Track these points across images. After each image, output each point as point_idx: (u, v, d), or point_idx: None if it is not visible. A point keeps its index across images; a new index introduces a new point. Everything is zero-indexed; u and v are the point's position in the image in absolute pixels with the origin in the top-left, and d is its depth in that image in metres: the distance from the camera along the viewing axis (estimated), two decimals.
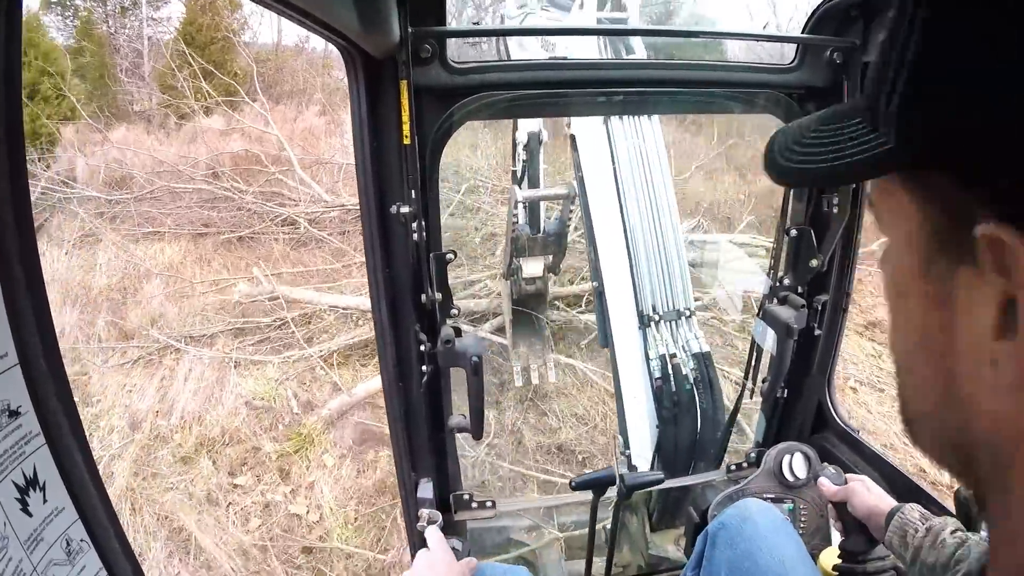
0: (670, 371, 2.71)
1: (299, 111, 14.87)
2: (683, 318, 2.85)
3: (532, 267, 4.99)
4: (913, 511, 1.50)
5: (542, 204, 4.92)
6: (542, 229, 4.81)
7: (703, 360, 2.76)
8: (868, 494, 1.65)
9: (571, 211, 4.58)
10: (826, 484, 1.76)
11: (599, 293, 3.04)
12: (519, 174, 4.84)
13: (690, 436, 2.69)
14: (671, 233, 2.89)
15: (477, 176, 9.91)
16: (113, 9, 19.37)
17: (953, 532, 1.37)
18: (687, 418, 2.68)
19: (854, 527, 1.68)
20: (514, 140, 4.86)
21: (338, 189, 10.37)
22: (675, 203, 2.97)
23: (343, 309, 7.52)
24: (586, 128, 3.09)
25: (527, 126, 4.57)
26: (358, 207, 1.61)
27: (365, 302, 7.16)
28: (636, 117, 3.00)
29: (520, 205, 4.53)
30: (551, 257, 4.97)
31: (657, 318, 2.81)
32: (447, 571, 1.51)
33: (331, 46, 1.40)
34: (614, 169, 2.95)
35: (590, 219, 3.01)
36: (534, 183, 4.78)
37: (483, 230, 8.96)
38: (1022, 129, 0.35)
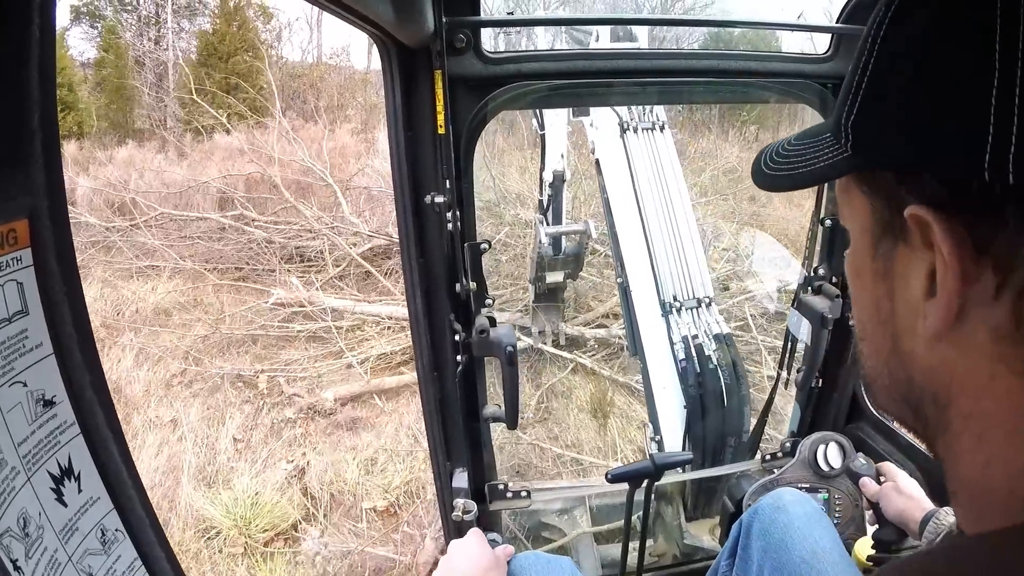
0: (693, 352, 2.81)
1: (329, 129, 13.77)
2: (703, 305, 3.03)
3: (554, 277, 5.91)
4: (949, 516, 1.48)
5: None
6: (563, 251, 5.64)
7: (724, 341, 2.89)
8: (898, 497, 1.66)
9: (587, 244, 5.69)
10: (868, 485, 1.78)
11: (624, 289, 3.29)
12: (544, 204, 5.52)
13: (718, 416, 2.74)
14: (686, 230, 3.15)
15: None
16: (147, 17, 19.01)
17: None
18: (713, 397, 2.74)
19: (888, 519, 1.68)
20: (541, 177, 5.51)
21: (364, 219, 8.96)
22: (689, 203, 3.30)
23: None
24: (608, 150, 3.45)
25: (553, 164, 5.20)
26: (382, 244, 1.62)
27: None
28: (651, 132, 3.40)
29: (545, 237, 5.34)
30: (570, 270, 5.92)
31: (678, 305, 2.99)
32: (480, 558, 1.54)
33: (374, 65, 1.41)
34: (633, 180, 3.29)
35: (614, 227, 3.30)
36: (557, 214, 5.52)
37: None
38: (933, 138, 0.48)
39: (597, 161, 3.61)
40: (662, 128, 3.42)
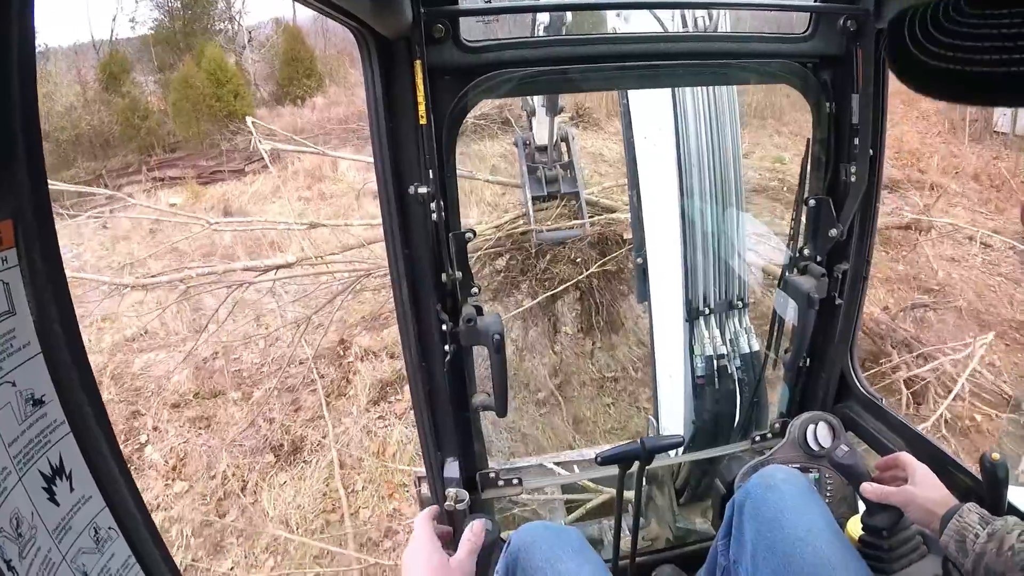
0: (715, 372, 2.63)
1: None
2: (735, 310, 2.64)
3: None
4: (971, 513, 1.42)
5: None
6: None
7: (750, 361, 2.63)
8: (924, 499, 1.55)
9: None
10: (871, 489, 1.67)
11: (643, 270, 2.81)
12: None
13: (726, 429, 2.69)
14: (734, 216, 2.59)
15: None
16: None
17: (1020, 535, 1.31)
18: (727, 418, 2.66)
19: (877, 504, 1.66)
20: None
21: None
22: (742, 183, 2.62)
23: None
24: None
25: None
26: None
27: None
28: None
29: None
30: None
31: (707, 311, 2.59)
32: (427, 563, 1.36)
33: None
34: (676, 129, 2.51)
35: (638, 188, 2.72)
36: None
37: None
38: None
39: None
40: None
